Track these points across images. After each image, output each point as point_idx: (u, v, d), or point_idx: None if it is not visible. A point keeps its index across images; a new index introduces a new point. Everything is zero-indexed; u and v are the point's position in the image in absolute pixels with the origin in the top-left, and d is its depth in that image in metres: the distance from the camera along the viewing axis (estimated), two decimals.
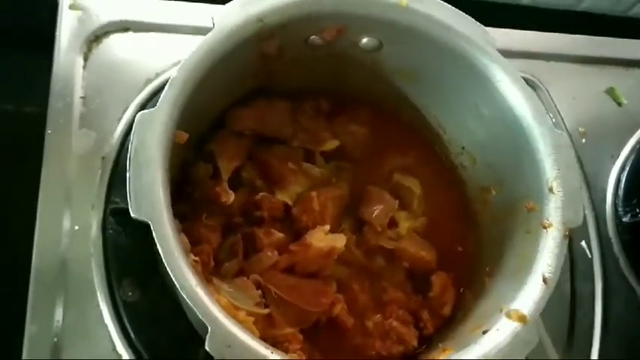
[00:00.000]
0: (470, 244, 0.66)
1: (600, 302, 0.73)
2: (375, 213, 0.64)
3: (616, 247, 0.76)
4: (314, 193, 0.62)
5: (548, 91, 0.81)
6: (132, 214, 0.46)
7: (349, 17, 0.58)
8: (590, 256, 0.75)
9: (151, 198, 0.46)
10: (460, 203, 0.67)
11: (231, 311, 0.47)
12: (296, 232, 0.62)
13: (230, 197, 0.59)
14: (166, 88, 0.50)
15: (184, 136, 0.52)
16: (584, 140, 0.81)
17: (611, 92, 0.84)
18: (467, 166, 0.67)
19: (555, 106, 0.81)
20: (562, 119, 0.81)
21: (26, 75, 0.80)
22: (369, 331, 0.60)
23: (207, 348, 0.43)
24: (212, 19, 0.53)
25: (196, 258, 0.50)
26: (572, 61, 0.85)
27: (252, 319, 0.50)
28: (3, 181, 0.77)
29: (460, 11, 0.59)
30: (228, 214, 0.61)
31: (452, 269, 0.65)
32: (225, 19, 0.53)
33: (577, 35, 0.86)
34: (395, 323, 0.60)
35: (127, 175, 0.47)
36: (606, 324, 0.72)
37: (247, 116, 0.63)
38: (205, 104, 0.55)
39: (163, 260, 0.45)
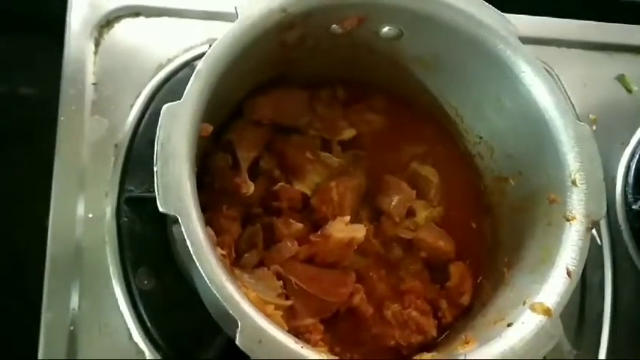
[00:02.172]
0: (487, 234, 0.66)
1: (610, 289, 0.73)
2: (393, 203, 0.64)
3: (625, 235, 0.76)
4: (333, 184, 0.62)
5: (558, 78, 0.81)
6: (160, 209, 0.45)
7: (371, 6, 0.57)
8: (599, 244, 0.75)
9: (178, 192, 0.46)
10: (477, 193, 0.67)
11: (260, 305, 0.47)
12: (315, 223, 0.62)
13: (250, 188, 0.58)
14: (192, 79, 0.49)
15: (209, 129, 0.51)
16: (594, 127, 0.81)
17: (621, 79, 0.84)
18: (484, 155, 0.67)
19: (566, 92, 0.81)
20: (573, 106, 0.81)
21: (36, 58, 0.80)
22: (388, 320, 0.60)
23: (237, 344, 0.43)
24: (235, 9, 0.53)
25: (223, 252, 0.50)
26: (583, 47, 0.84)
27: (280, 313, 0.50)
28: (12, 164, 0.76)
29: (483, 0, 0.59)
30: (247, 205, 0.61)
31: (469, 259, 0.65)
32: (249, 10, 0.52)
33: (588, 21, 0.86)
34: (414, 313, 0.60)
35: (155, 169, 0.46)
36: (616, 311, 0.72)
37: (264, 105, 0.63)
38: (226, 94, 0.55)
39: (192, 255, 0.45)
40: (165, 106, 0.48)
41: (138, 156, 0.67)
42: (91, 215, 0.64)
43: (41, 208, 0.64)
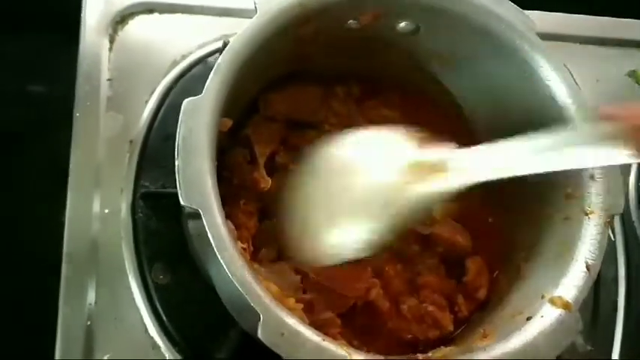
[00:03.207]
0: (503, 228, 0.66)
1: (624, 285, 0.73)
2: None
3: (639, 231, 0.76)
4: None
5: (571, 74, 0.80)
6: (182, 203, 0.46)
7: (388, 1, 0.58)
8: (613, 239, 0.75)
9: (200, 186, 0.46)
10: (492, 188, 0.67)
11: (282, 299, 0.47)
12: None
13: (268, 183, 0.59)
14: (212, 74, 0.50)
15: (228, 123, 0.52)
16: None
17: (633, 75, 0.84)
18: None
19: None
20: None
21: (47, 56, 0.80)
22: (404, 314, 0.61)
23: (259, 336, 0.44)
24: (255, 3, 0.53)
25: (244, 245, 0.50)
26: (595, 43, 0.84)
27: (301, 306, 0.50)
28: (26, 161, 0.77)
29: None
30: (263, 199, 0.61)
31: (485, 253, 0.65)
32: (267, 4, 0.53)
33: (600, 17, 0.86)
34: (430, 308, 0.60)
35: (176, 163, 0.47)
36: (629, 306, 0.72)
37: (279, 101, 0.63)
38: (243, 89, 0.55)
39: (214, 249, 0.45)
40: (185, 101, 0.48)
41: (153, 152, 0.68)
42: (106, 211, 0.64)
43: (57, 205, 0.64)
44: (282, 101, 0.64)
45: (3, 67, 0.82)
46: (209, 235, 0.45)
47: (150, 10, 0.73)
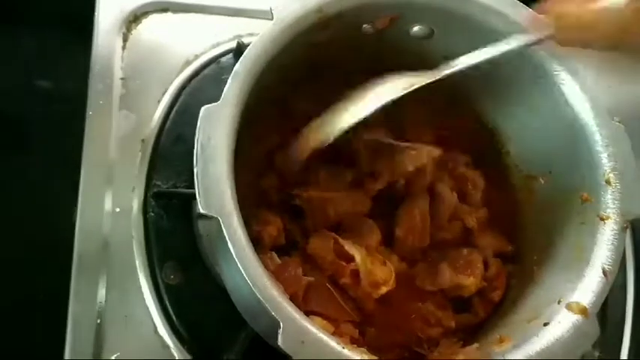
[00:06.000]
0: (515, 231, 0.66)
1: (632, 290, 0.73)
2: None
3: None
4: None
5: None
6: (201, 210, 0.46)
7: (405, 6, 0.58)
8: None
9: (219, 194, 0.46)
10: (504, 191, 0.67)
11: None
12: None
13: None
14: (229, 81, 0.50)
15: None
16: None
17: None
18: (513, 154, 0.67)
19: None
20: None
21: (62, 52, 0.80)
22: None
23: (280, 344, 0.44)
24: (271, 10, 0.53)
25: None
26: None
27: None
28: (38, 159, 0.77)
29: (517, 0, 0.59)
30: None
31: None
32: (284, 10, 0.53)
33: None
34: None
35: (195, 170, 0.47)
36: (638, 311, 0.72)
37: None
38: (263, 93, 0.55)
39: (234, 256, 0.45)
40: (203, 108, 0.48)
41: (164, 151, 0.68)
42: (118, 210, 0.65)
43: (68, 202, 0.64)
44: None
45: (13, 60, 0.82)
46: (229, 243, 0.45)
47: (163, 9, 0.73)
